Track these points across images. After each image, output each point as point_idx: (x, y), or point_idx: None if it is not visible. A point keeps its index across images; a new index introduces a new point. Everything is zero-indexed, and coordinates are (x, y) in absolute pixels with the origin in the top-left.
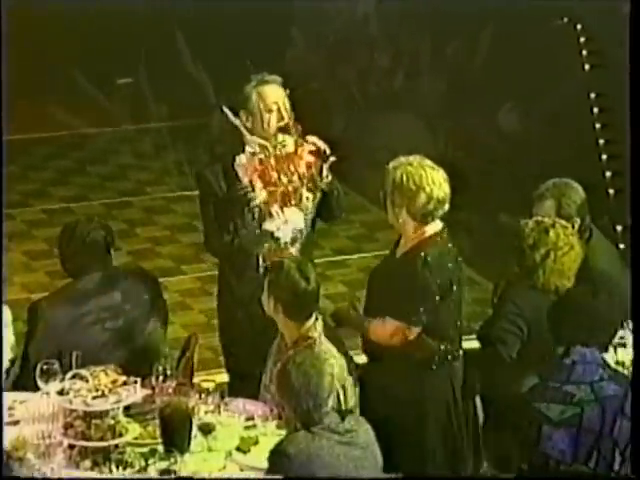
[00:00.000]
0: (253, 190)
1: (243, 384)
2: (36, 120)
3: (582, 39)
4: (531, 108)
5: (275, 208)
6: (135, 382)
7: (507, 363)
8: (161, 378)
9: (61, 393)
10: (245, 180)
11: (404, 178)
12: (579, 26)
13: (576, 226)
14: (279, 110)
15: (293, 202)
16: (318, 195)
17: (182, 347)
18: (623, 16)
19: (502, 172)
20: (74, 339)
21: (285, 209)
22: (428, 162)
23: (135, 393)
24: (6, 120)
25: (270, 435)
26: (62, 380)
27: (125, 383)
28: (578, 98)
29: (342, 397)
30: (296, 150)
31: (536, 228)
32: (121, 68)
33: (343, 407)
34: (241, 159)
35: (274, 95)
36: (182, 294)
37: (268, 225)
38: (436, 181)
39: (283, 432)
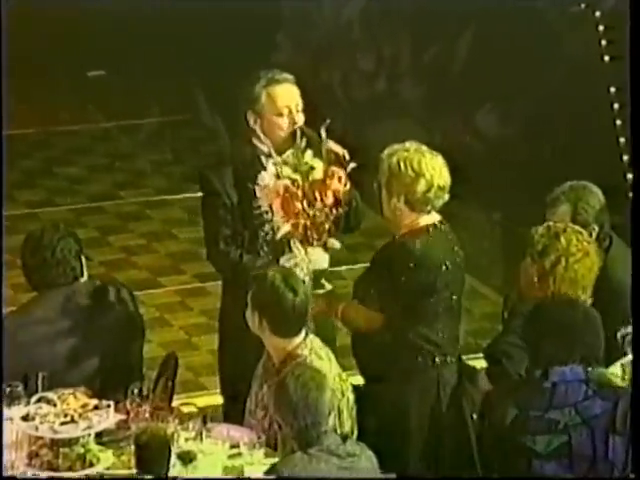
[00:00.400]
0: (272, 216)
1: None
2: None
3: (601, 27)
4: (511, 109)
5: (297, 245)
6: (108, 406)
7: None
8: (136, 402)
9: (26, 419)
10: (265, 204)
11: (401, 164)
12: (598, 13)
13: (594, 234)
14: (290, 113)
15: (316, 237)
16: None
17: (160, 367)
18: None
19: (485, 173)
20: (40, 359)
21: (309, 249)
22: (425, 148)
23: (108, 418)
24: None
25: (257, 464)
26: (27, 404)
27: (97, 407)
28: (594, 93)
29: (337, 419)
30: (325, 179)
31: (546, 234)
32: (93, 61)
33: (339, 430)
34: (264, 179)
35: (286, 97)
36: (160, 309)
37: (286, 261)
38: (436, 167)
39: (271, 461)
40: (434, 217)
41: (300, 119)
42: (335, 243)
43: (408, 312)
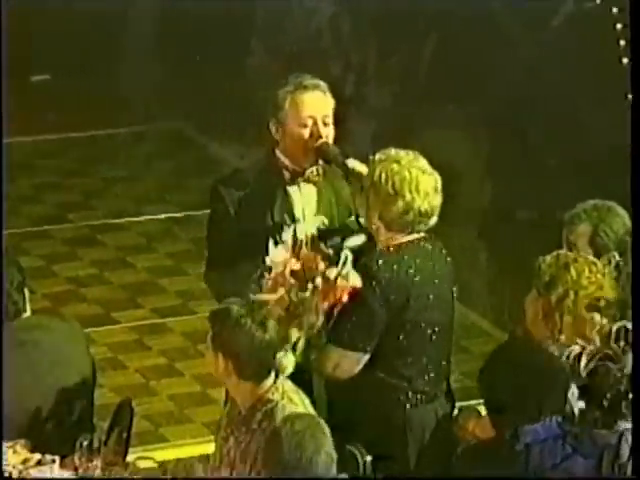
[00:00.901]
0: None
1: None
2: None
3: (619, 25)
4: (473, 111)
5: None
6: (53, 461)
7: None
8: (86, 456)
9: None
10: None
11: (382, 177)
12: (615, 9)
13: (613, 262)
14: (315, 125)
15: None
16: None
17: (113, 416)
18: None
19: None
20: None
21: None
22: (421, 163)
23: (52, 474)
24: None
25: None
26: None
27: (40, 462)
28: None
29: None
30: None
31: (554, 264)
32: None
33: None
34: (276, 257)
35: (312, 106)
36: (113, 348)
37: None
38: (421, 189)
39: None
40: (416, 235)
41: (326, 133)
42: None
43: (373, 339)
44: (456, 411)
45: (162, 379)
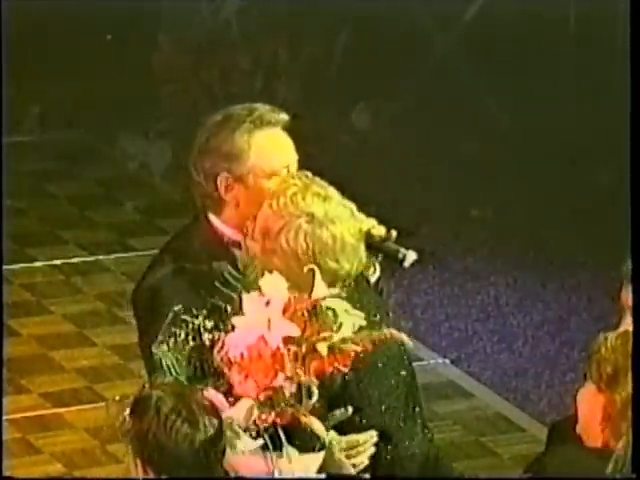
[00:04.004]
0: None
1: None
2: None
3: None
4: (382, 108)
5: None
6: None
7: None
8: None
9: None
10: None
11: (301, 244)
12: None
13: None
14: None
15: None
16: None
17: None
18: None
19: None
20: None
21: None
22: (337, 201)
23: None
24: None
25: None
26: None
27: None
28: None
29: None
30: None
31: (620, 349)
32: None
33: None
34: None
35: (285, 150)
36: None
37: None
38: (349, 248)
39: None
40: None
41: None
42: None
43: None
44: None
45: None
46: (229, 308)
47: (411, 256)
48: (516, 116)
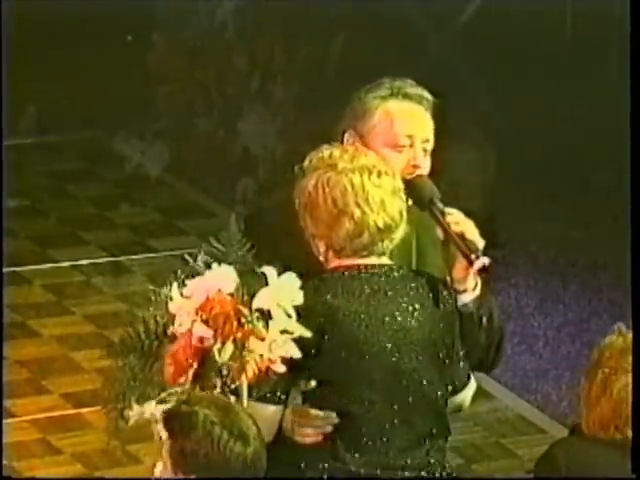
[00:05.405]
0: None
1: None
2: None
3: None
4: None
5: None
6: None
7: None
8: None
9: None
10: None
11: (320, 192)
12: None
13: None
14: (414, 149)
15: None
16: None
17: None
18: None
19: None
20: None
21: None
22: (365, 160)
23: None
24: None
25: None
26: None
27: None
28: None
29: None
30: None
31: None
32: None
33: None
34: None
35: (413, 122)
36: None
37: None
38: (378, 198)
39: None
40: (375, 259)
41: (425, 164)
42: None
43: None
44: None
45: None
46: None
47: (482, 260)
48: (512, 116)
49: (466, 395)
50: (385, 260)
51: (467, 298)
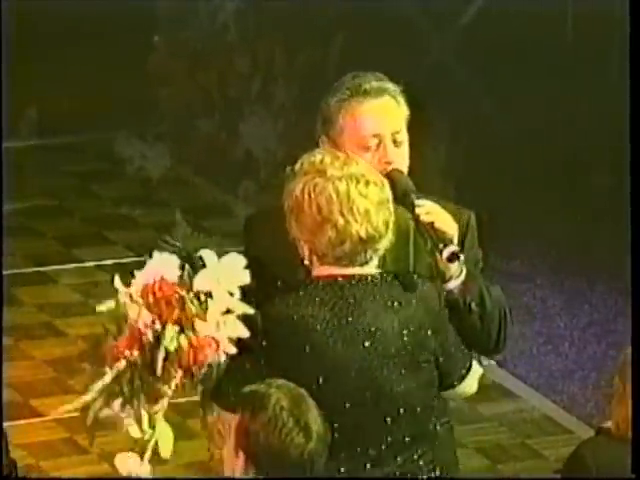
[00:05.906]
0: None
1: None
2: None
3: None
4: None
5: None
6: None
7: None
8: None
9: None
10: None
11: (305, 198)
12: None
13: None
14: (381, 147)
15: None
16: None
17: None
18: None
19: None
20: None
21: None
22: (355, 168)
23: None
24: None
25: None
26: None
27: None
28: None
29: None
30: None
31: None
32: None
33: None
34: None
35: (377, 120)
36: None
37: None
38: (362, 208)
39: None
40: (357, 269)
41: (398, 156)
42: None
43: None
44: None
45: None
46: None
47: (450, 248)
48: (513, 117)
49: (469, 383)
50: (368, 270)
51: (452, 285)
